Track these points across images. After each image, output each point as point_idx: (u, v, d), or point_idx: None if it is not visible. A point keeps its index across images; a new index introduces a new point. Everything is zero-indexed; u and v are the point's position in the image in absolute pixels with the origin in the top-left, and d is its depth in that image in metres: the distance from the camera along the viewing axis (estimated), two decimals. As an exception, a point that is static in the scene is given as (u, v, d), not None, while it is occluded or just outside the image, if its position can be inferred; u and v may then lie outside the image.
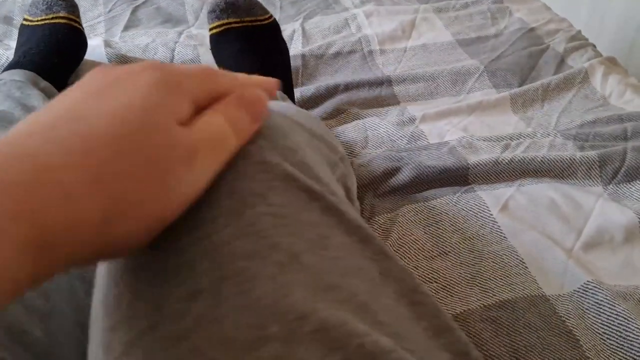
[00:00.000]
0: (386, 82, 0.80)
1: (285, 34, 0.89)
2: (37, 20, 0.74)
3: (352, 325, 0.21)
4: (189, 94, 0.24)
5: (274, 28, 0.72)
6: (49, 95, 0.63)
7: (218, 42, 0.71)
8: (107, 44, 0.83)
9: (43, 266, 0.18)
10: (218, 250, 0.23)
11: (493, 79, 0.80)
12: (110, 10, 0.95)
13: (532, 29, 0.91)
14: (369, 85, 0.80)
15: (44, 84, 0.64)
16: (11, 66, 0.67)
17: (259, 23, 0.70)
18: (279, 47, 0.73)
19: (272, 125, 0.29)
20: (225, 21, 0.69)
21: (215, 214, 0.24)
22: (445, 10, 0.98)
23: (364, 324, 0.22)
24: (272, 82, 0.29)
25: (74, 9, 0.76)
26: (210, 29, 0.71)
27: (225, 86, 0.26)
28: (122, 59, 0.81)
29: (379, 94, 0.79)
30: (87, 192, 0.19)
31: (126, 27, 0.90)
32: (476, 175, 0.59)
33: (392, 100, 0.78)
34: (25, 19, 0.75)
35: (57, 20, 0.73)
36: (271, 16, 0.72)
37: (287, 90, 0.71)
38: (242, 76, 0.28)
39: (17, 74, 0.63)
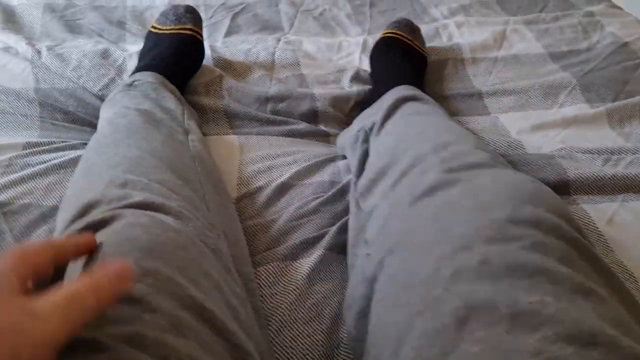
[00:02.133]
0: (477, 94, 0.82)
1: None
2: (166, 29, 0.79)
3: (626, 339, 0.30)
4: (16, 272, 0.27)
5: (425, 61, 0.87)
6: (176, 98, 0.68)
7: (387, 43, 0.85)
8: (212, 48, 0.89)
9: None
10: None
11: (586, 93, 0.81)
12: (211, 17, 1.01)
13: (625, 44, 0.91)
14: (460, 95, 0.82)
15: (172, 87, 0.70)
16: (142, 68, 0.73)
17: (419, 49, 0.86)
18: (421, 75, 0.85)
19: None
20: (400, 33, 0.85)
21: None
22: (535, 23, 0.98)
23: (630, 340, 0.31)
24: (84, 241, 0.35)
25: (199, 22, 0.82)
26: (385, 33, 0.87)
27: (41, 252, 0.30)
28: (226, 63, 0.86)
29: (470, 104, 0.81)
30: None
31: (227, 33, 0.96)
32: (578, 188, 0.61)
33: (482, 111, 0.80)
34: (153, 27, 0.81)
35: (184, 32, 0.79)
36: (427, 53, 0.88)
37: None
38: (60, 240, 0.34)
39: (151, 76, 0.69)
